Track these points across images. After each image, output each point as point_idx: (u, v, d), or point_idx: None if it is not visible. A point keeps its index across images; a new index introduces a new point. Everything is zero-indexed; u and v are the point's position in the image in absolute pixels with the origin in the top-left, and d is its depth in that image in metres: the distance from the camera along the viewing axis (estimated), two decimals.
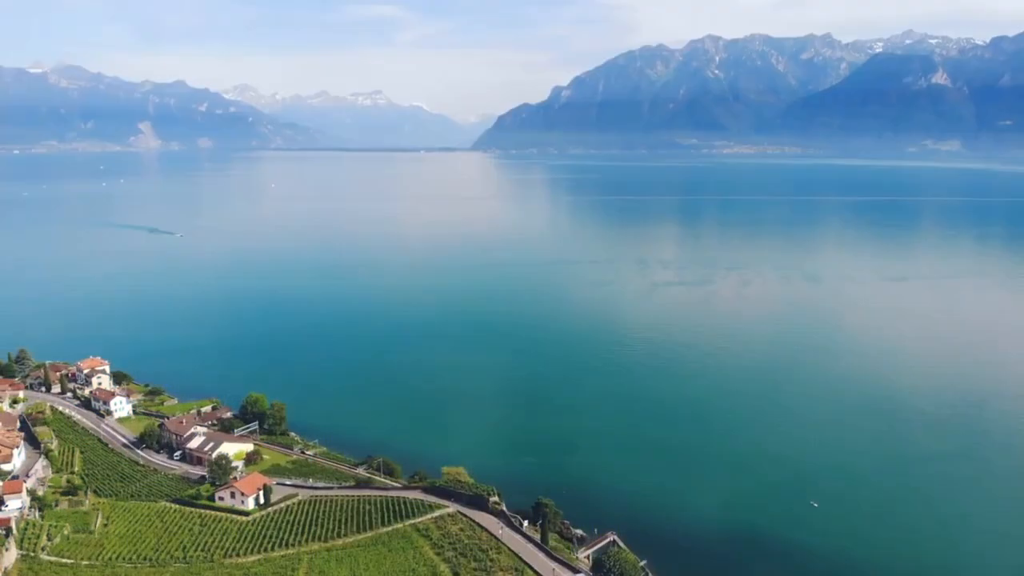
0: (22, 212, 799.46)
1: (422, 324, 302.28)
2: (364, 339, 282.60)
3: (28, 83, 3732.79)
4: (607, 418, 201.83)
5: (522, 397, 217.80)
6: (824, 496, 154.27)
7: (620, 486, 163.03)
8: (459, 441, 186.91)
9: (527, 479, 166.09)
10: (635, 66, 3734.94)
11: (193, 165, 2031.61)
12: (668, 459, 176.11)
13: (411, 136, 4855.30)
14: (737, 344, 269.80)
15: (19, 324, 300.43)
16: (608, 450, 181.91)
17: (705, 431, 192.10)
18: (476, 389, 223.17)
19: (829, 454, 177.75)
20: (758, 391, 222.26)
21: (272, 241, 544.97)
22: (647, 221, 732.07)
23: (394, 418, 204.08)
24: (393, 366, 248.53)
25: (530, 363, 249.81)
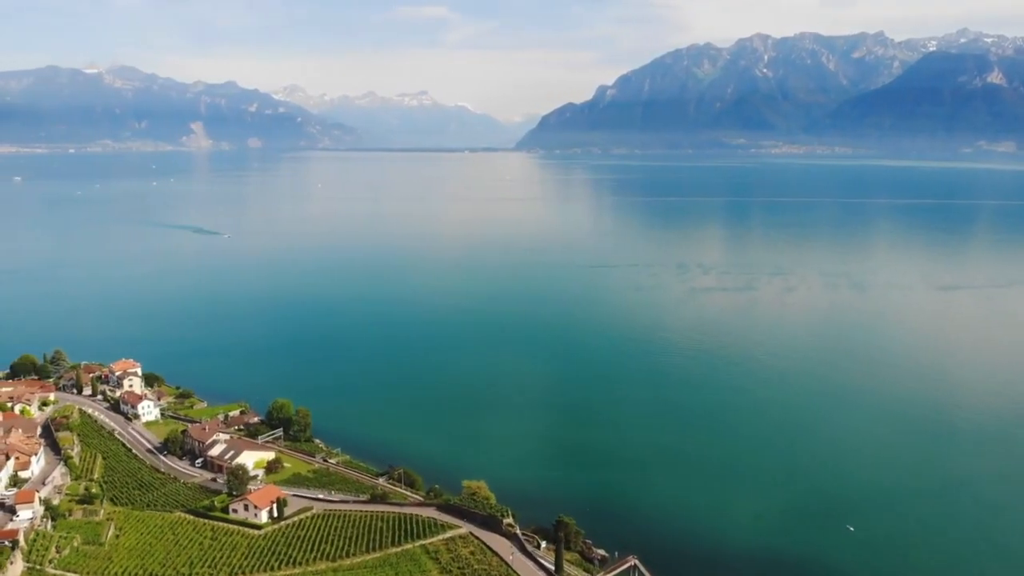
0: (73, 211, 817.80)
1: (455, 329, 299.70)
2: (395, 344, 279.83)
3: (83, 83, 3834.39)
4: (638, 430, 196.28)
5: (552, 407, 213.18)
6: (861, 520, 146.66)
7: (647, 504, 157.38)
8: (484, 452, 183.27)
9: (551, 493, 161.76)
10: (682, 65, 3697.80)
11: (242, 165, 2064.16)
12: (700, 476, 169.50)
13: (455, 136, 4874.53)
14: (776, 354, 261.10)
15: (58, 324, 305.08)
16: (637, 465, 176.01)
17: (739, 446, 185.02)
18: (505, 397, 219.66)
19: (869, 474, 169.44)
20: (797, 405, 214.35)
21: (314, 243, 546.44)
22: (690, 223, 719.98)
23: (419, 426, 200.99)
24: (422, 372, 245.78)
25: (562, 371, 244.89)
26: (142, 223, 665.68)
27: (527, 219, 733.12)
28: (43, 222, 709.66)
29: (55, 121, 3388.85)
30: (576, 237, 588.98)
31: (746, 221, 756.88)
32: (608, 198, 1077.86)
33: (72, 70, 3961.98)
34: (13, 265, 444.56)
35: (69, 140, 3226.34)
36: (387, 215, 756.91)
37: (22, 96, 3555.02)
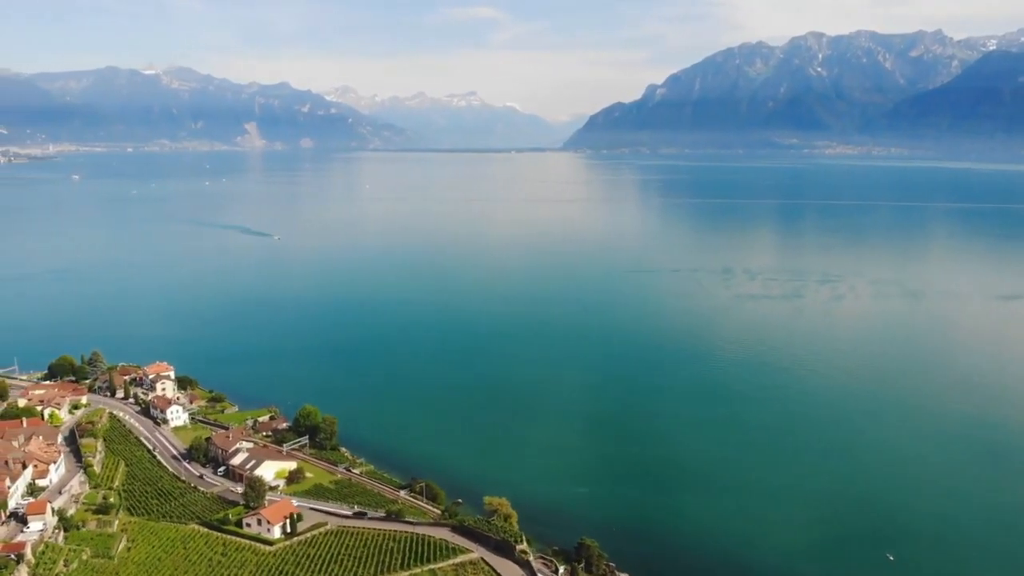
0: (127, 209, 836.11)
1: (491, 335, 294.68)
2: (430, 350, 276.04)
3: (142, 84, 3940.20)
4: (674, 446, 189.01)
5: (585, 418, 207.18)
6: (903, 549, 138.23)
7: (677, 526, 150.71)
8: (511, 464, 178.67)
9: (576, 511, 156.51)
10: (733, 64, 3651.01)
11: (294, 165, 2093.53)
12: (736, 497, 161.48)
13: (503, 136, 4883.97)
14: (821, 368, 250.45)
15: (99, 324, 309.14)
16: (671, 483, 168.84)
17: (778, 466, 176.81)
18: (537, 408, 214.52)
19: (916, 499, 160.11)
20: (841, 422, 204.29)
21: (359, 245, 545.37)
22: (737, 227, 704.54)
23: (448, 437, 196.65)
24: (455, 379, 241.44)
25: (598, 381, 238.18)
26: (193, 223, 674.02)
27: (569, 221, 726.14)
28: (96, 221, 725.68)
29: (114, 121, 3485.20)
30: (618, 240, 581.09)
31: (796, 225, 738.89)
32: (654, 199, 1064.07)
33: (131, 71, 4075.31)
34: (62, 264, 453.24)
35: (127, 139, 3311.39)
36: (430, 217, 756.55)
37: (82, 96, 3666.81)
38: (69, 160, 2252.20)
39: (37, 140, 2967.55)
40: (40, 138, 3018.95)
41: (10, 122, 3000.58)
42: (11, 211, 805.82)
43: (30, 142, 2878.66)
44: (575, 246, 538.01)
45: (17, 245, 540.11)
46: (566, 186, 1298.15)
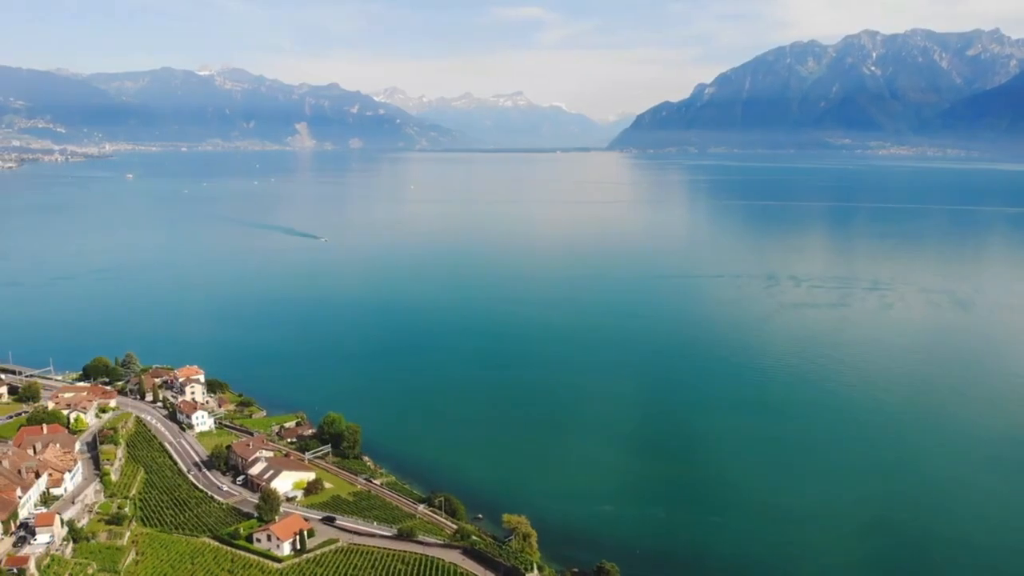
0: (177, 208, 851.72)
1: (522, 342, 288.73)
2: (458, 356, 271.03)
3: (196, 84, 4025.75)
4: (708, 465, 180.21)
5: (614, 433, 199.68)
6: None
7: (707, 551, 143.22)
8: (535, 479, 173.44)
9: (601, 531, 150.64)
10: (784, 62, 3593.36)
11: (342, 165, 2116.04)
12: (772, 522, 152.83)
13: (549, 136, 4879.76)
14: (867, 382, 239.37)
15: (137, 325, 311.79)
16: (702, 504, 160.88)
17: (819, 486, 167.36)
18: (564, 421, 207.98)
19: (971, 531, 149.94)
20: (888, 440, 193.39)
21: (398, 248, 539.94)
22: (785, 230, 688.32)
23: (473, 448, 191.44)
24: (483, 389, 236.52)
25: (631, 394, 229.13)
26: (240, 223, 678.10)
27: (610, 223, 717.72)
28: (144, 220, 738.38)
29: (169, 120, 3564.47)
30: (660, 244, 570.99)
31: (845, 229, 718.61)
32: (700, 201, 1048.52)
33: (185, 72, 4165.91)
34: (106, 263, 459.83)
35: (181, 139, 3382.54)
36: (472, 219, 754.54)
37: (138, 96, 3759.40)
38: (124, 159, 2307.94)
39: (94, 139, 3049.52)
40: (97, 137, 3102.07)
41: (68, 121, 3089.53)
42: (64, 209, 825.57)
43: (87, 141, 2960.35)
44: (614, 250, 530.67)
45: (65, 245, 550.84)
46: (610, 187, 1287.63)
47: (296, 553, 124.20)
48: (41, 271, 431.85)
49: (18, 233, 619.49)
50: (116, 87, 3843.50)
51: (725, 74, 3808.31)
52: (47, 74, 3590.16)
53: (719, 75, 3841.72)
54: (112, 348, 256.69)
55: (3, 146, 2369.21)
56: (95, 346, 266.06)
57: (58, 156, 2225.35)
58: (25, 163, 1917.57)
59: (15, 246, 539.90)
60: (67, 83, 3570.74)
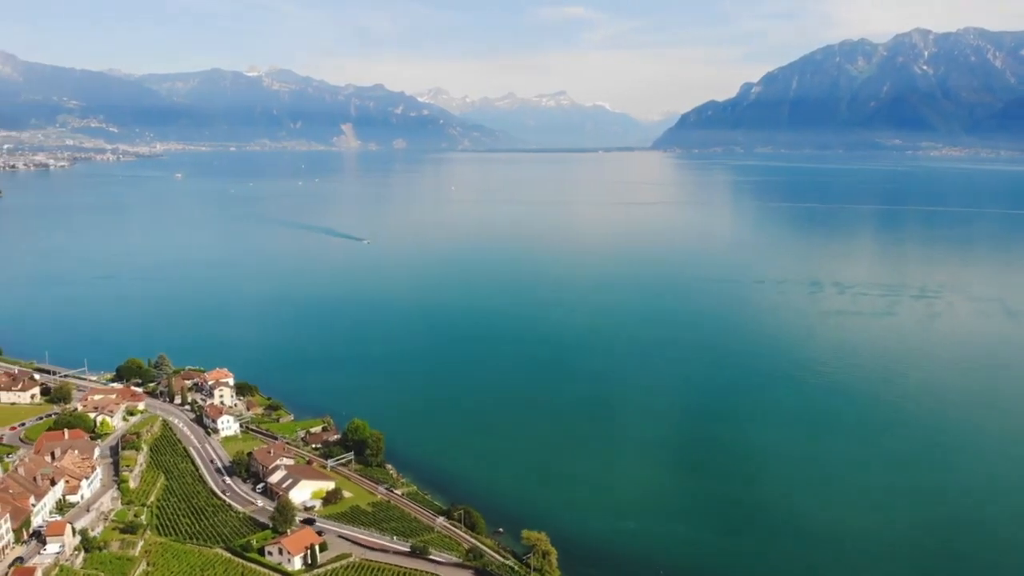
0: (222, 208, 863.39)
1: (553, 348, 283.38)
2: (485, 363, 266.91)
3: (245, 85, 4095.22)
4: (741, 480, 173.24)
5: (645, 446, 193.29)
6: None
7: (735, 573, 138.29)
8: (558, 492, 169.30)
9: (623, 551, 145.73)
10: (833, 61, 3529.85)
11: (386, 166, 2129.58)
12: (808, 542, 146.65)
13: (592, 136, 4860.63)
14: (914, 394, 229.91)
15: (172, 326, 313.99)
16: (733, 523, 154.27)
17: (864, 509, 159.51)
18: (593, 431, 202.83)
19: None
20: (937, 456, 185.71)
21: (437, 252, 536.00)
22: (831, 234, 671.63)
23: (497, 458, 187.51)
24: (510, 396, 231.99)
25: (665, 405, 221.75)
26: (284, 224, 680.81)
27: (652, 226, 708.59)
28: (189, 220, 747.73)
29: (218, 121, 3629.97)
30: (701, 247, 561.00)
31: (894, 233, 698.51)
32: (745, 203, 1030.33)
33: (234, 73, 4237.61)
34: (147, 263, 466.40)
35: (230, 139, 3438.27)
36: (512, 220, 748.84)
37: (189, 97, 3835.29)
38: (174, 158, 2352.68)
39: (145, 139, 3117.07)
40: (148, 137, 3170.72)
41: (120, 121, 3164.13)
42: (113, 209, 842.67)
43: (139, 141, 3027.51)
44: (654, 253, 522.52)
45: (111, 244, 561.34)
46: (652, 187, 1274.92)
47: (307, 568, 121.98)
48: (85, 270, 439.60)
49: (67, 232, 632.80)
50: (167, 88, 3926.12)
51: (772, 73, 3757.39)
52: (100, 75, 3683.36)
53: (766, 74, 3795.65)
54: (147, 348, 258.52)
55: (57, 145, 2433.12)
56: (130, 346, 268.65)
57: (110, 155, 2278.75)
58: (78, 162, 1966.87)
59: (63, 245, 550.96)
60: (120, 83, 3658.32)
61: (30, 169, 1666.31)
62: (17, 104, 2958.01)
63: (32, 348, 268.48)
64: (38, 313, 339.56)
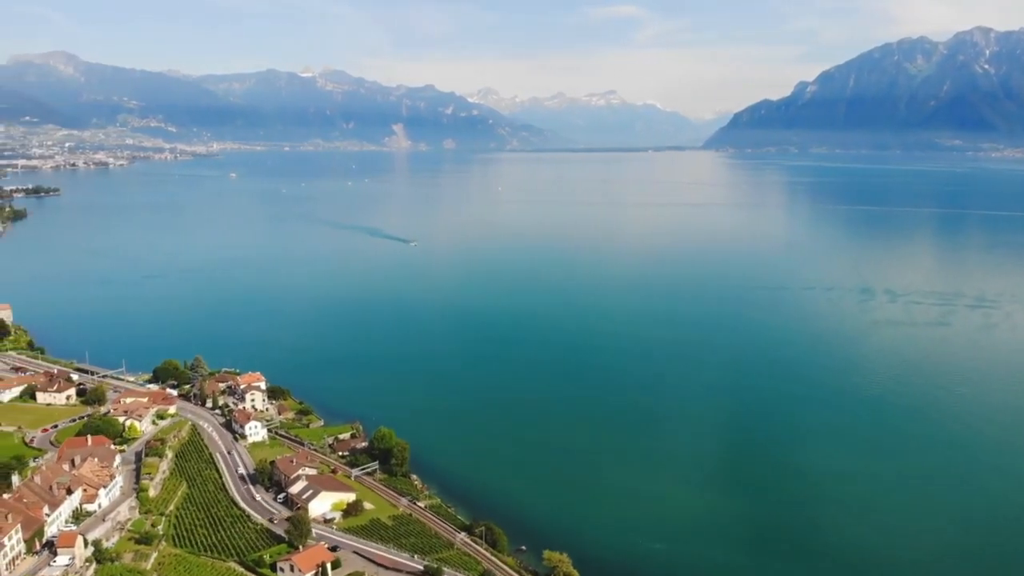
0: (273, 208, 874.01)
1: (595, 355, 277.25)
2: (523, 370, 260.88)
3: (299, 86, 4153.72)
4: (785, 503, 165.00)
5: (683, 463, 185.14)
6: None
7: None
8: (588, 509, 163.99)
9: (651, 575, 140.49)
10: (891, 60, 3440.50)
11: (435, 166, 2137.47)
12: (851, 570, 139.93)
13: (642, 135, 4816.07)
14: (970, 411, 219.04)
15: (212, 327, 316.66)
16: (775, 550, 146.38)
17: (920, 535, 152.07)
18: (627, 445, 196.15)
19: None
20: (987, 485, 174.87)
21: (484, 253, 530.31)
22: (885, 238, 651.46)
23: (527, 473, 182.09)
24: (542, 407, 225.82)
25: (705, 418, 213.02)
26: (332, 225, 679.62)
27: (701, 228, 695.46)
28: (240, 221, 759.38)
29: (273, 121, 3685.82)
30: (750, 251, 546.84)
31: (951, 238, 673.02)
32: (798, 205, 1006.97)
33: (289, 74, 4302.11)
34: (196, 263, 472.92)
35: (284, 139, 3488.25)
36: (559, 222, 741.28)
37: (244, 97, 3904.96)
38: (230, 158, 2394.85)
39: (203, 138, 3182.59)
40: (205, 136, 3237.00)
41: (178, 121, 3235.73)
42: (167, 208, 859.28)
43: (196, 140, 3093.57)
44: (700, 256, 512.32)
45: (161, 243, 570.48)
46: (702, 188, 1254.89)
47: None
48: (132, 269, 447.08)
49: (118, 231, 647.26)
50: (224, 88, 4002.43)
51: (828, 72, 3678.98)
52: (159, 75, 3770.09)
53: (821, 73, 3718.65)
54: (185, 349, 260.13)
55: (117, 144, 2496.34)
56: (168, 347, 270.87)
57: (168, 154, 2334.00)
58: (136, 161, 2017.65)
59: (113, 244, 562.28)
60: (178, 84, 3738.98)
61: (90, 168, 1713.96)
62: (79, 104, 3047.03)
63: (75, 347, 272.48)
64: (83, 312, 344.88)
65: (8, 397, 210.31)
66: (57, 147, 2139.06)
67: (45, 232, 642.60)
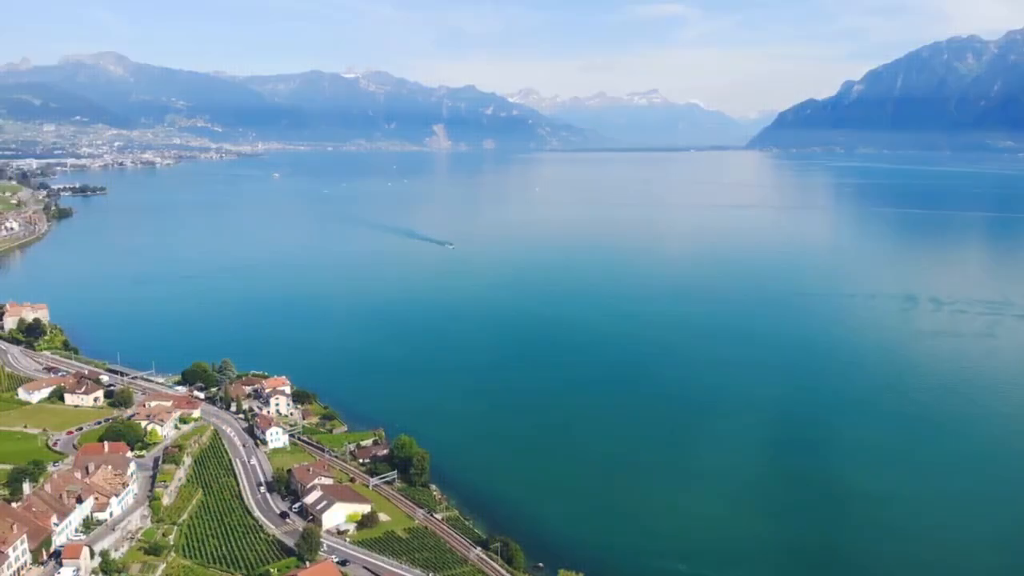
0: (314, 208, 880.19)
1: (629, 366, 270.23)
2: (555, 380, 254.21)
3: (342, 87, 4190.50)
4: (825, 528, 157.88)
5: (716, 481, 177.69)
6: None
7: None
8: (612, 527, 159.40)
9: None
10: (941, 59, 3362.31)
11: (473, 166, 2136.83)
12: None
13: (685, 134, 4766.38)
14: (1013, 434, 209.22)
15: (243, 329, 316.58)
16: None
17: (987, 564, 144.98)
18: (659, 464, 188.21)
19: None
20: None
21: (518, 256, 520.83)
22: (932, 243, 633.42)
23: (552, 486, 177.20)
24: (578, 418, 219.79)
25: (743, 434, 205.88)
26: (370, 226, 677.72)
27: (740, 231, 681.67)
28: (279, 221, 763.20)
29: (317, 121, 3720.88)
30: (791, 256, 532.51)
31: (1002, 243, 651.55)
32: (843, 208, 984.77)
33: (333, 74, 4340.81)
34: (231, 263, 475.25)
35: (328, 139, 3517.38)
36: (594, 224, 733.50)
37: (289, 98, 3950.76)
38: (274, 157, 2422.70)
39: (248, 139, 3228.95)
40: (251, 136, 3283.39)
41: (224, 121, 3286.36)
42: (209, 208, 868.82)
43: (241, 140, 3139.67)
44: (738, 262, 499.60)
45: (200, 243, 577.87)
46: (744, 189, 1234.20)
47: None
48: (169, 269, 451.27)
49: (159, 230, 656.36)
50: (269, 89, 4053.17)
51: (875, 71, 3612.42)
52: (206, 76, 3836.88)
53: (869, 72, 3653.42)
54: (216, 350, 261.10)
55: (165, 143, 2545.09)
56: (200, 347, 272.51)
57: (213, 154, 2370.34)
58: (183, 160, 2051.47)
59: (155, 243, 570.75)
60: (224, 85, 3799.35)
61: (137, 167, 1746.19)
62: (128, 104, 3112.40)
63: (108, 347, 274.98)
64: (117, 311, 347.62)
65: (37, 398, 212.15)
66: (106, 146, 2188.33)
67: (88, 231, 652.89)
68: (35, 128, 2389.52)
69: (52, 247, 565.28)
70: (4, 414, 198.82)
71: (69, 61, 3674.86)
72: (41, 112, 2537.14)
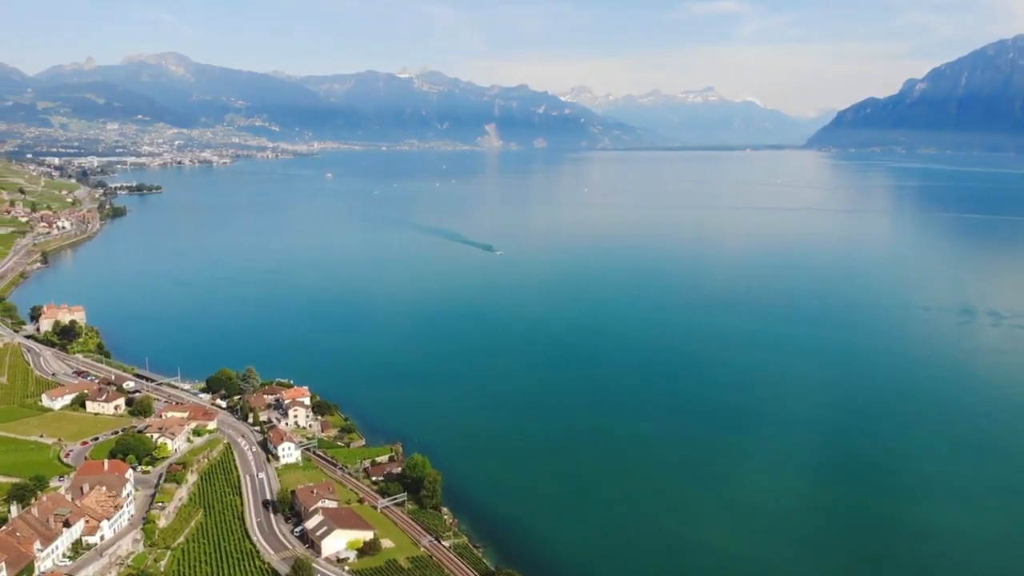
0: (364, 209, 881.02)
1: (670, 382, 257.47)
2: (598, 401, 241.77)
3: (396, 87, 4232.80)
4: (878, 565, 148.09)
5: (754, 514, 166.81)
6: None
7: None
8: (633, 562, 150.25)
9: None
10: (1007, 57, 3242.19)
11: (523, 166, 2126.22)
12: None
13: (740, 133, 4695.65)
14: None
15: (272, 335, 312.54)
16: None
17: None
18: (690, 494, 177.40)
19: None
20: None
21: (562, 262, 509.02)
22: (993, 251, 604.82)
23: (572, 514, 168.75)
24: (608, 437, 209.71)
25: (782, 461, 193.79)
26: (418, 229, 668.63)
27: (792, 237, 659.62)
28: (328, 222, 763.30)
29: (371, 121, 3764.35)
30: (844, 263, 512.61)
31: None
32: (902, 211, 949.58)
33: (387, 75, 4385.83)
34: (272, 266, 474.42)
35: (382, 139, 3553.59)
36: (642, 227, 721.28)
37: (344, 98, 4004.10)
38: (328, 157, 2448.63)
39: (304, 138, 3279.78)
40: (307, 136, 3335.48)
41: (281, 121, 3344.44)
42: (258, 208, 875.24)
43: (298, 139, 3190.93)
44: (787, 269, 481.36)
45: (244, 244, 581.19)
46: (800, 191, 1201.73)
47: None
48: (210, 271, 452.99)
49: (208, 231, 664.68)
50: (325, 89, 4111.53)
51: (938, 69, 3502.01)
52: (265, 76, 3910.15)
53: (931, 70, 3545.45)
54: (243, 356, 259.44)
55: (224, 142, 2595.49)
56: (228, 352, 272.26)
57: (270, 153, 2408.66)
58: (240, 159, 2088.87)
59: (200, 244, 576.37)
60: (282, 85, 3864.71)
61: (195, 165, 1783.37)
62: (189, 103, 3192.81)
63: (140, 351, 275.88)
64: (152, 314, 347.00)
65: (59, 405, 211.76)
66: (167, 145, 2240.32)
67: (139, 231, 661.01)
68: (99, 127, 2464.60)
69: (102, 246, 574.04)
70: (24, 422, 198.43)
71: (132, 61, 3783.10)
72: (105, 111, 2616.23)
